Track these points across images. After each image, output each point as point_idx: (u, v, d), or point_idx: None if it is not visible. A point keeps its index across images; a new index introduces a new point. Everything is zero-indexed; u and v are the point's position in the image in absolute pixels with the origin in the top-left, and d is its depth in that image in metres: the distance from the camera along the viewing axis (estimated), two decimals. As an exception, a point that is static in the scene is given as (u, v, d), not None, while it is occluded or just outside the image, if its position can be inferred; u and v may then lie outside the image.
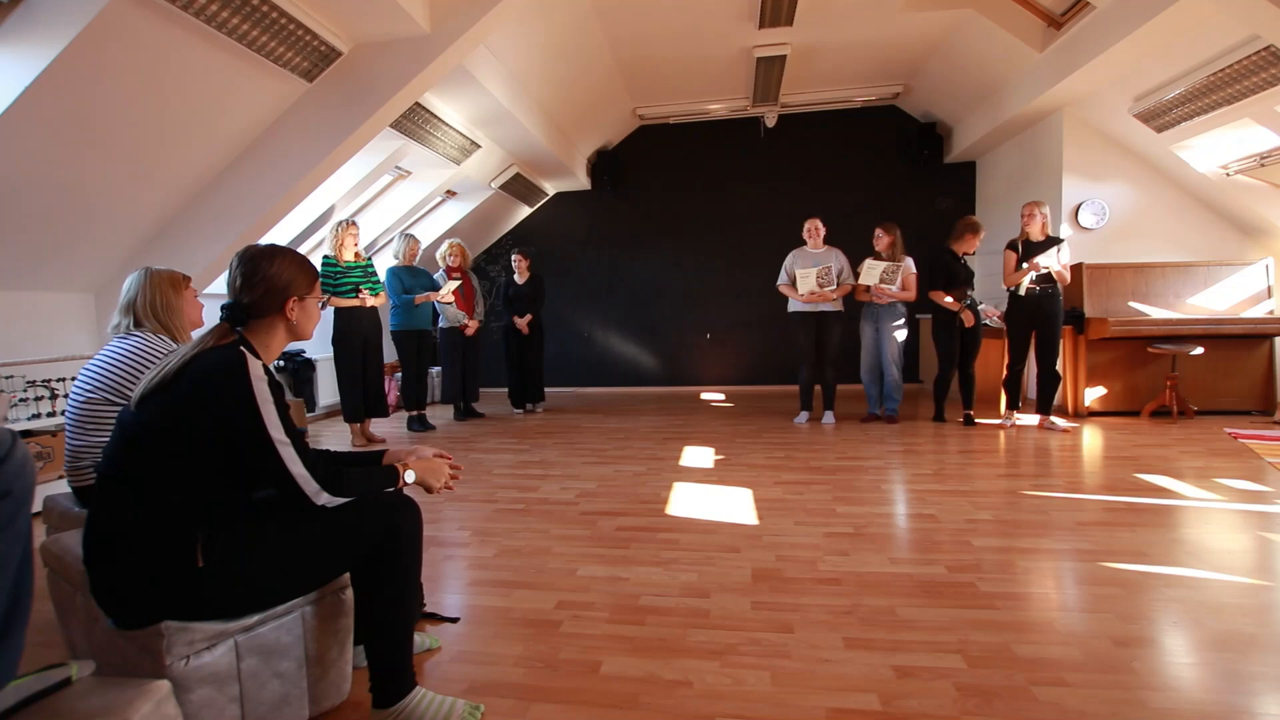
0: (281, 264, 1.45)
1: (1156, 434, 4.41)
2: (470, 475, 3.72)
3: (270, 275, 1.43)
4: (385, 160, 4.94)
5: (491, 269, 7.98)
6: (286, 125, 3.61)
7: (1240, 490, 3.07)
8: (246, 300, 1.42)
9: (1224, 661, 1.64)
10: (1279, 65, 3.54)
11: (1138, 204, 5.47)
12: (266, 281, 1.43)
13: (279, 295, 1.44)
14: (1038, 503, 2.95)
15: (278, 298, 1.44)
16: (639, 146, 7.63)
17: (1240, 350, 5.03)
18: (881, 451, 4.08)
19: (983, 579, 2.12)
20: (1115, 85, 4.74)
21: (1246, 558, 2.30)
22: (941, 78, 6.15)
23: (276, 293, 1.43)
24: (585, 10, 4.84)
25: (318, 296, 1.52)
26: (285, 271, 1.45)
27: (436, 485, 1.62)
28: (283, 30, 3.09)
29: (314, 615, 1.48)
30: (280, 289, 1.44)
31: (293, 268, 1.47)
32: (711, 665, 1.64)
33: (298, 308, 1.46)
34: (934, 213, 6.92)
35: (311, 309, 1.51)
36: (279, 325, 1.46)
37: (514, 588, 2.17)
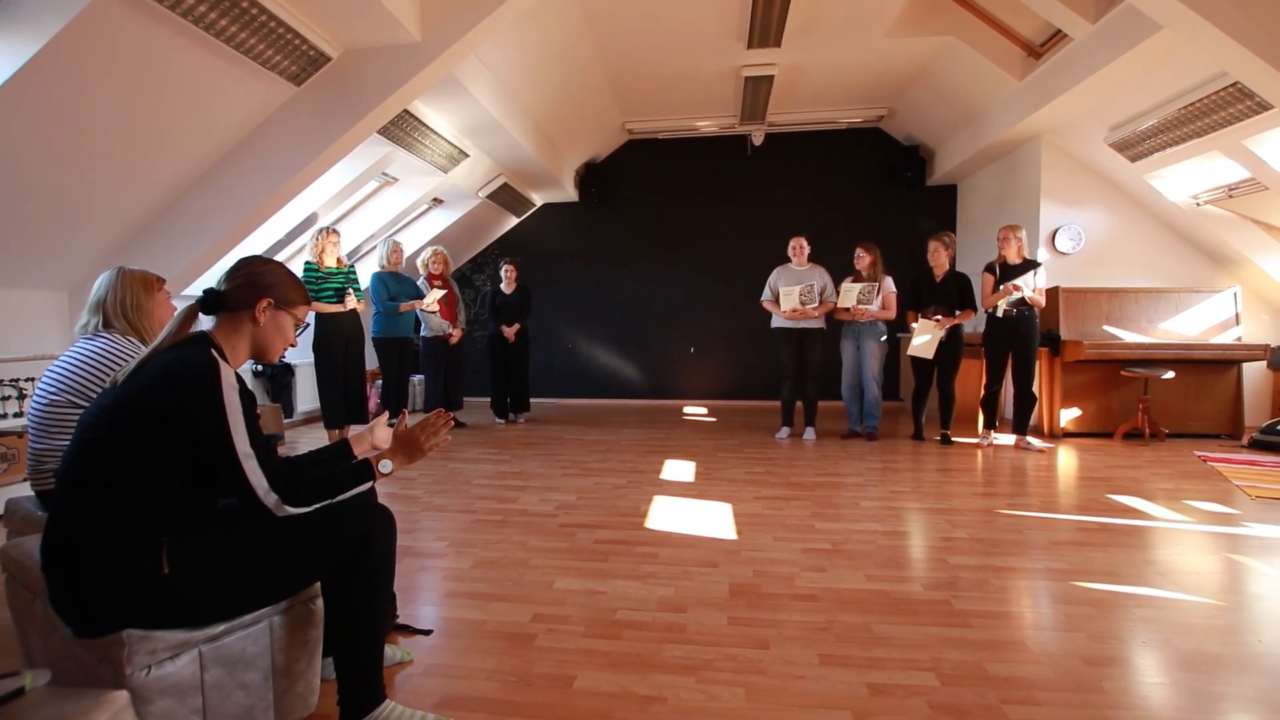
0: (272, 268, 1.44)
1: (1129, 455, 4.49)
2: (449, 485, 3.68)
3: (255, 271, 1.41)
4: (372, 166, 4.92)
5: (477, 278, 7.96)
6: (272, 129, 3.58)
7: (1209, 513, 3.13)
8: (224, 288, 1.40)
9: (1191, 681, 1.66)
10: (1245, 101, 3.66)
11: (1112, 230, 5.61)
12: (249, 275, 1.41)
13: (255, 291, 1.40)
14: (1013, 522, 2.98)
15: (252, 294, 1.40)
16: (627, 160, 7.67)
17: (1209, 375, 5.15)
18: (861, 468, 4.11)
19: (957, 597, 2.14)
20: (1091, 115, 4.87)
21: (1214, 579, 2.34)
22: (925, 102, 6.28)
23: (253, 289, 1.40)
24: (577, 25, 4.88)
25: (297, 318, 1.47)
26: (271, 274, 1.43)
27: (426, 450, 1.56)
28: (271, 33, 3.08)
29: (282, 625, 1.45)
30: (259, 286, 1.41)
31: (279, 274, 1.45)
32: (686, 681, 1.63)
33: (269, 312, 1.42)
34: (917, 234, 7.03)
35: (284, 324, 1.45)
36: (245, 327, 1.41)
37: (489, 600, 2.14)
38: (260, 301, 1.41)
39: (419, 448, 1.55)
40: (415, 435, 1.56)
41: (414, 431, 1.56)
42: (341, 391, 4.65)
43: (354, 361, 4.70)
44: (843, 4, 4.64)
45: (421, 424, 1.58)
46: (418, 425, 1.58)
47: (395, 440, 1.56)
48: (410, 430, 1.57)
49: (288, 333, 1.47)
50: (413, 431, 1.56)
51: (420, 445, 1.55)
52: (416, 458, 1.56)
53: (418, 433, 1.56)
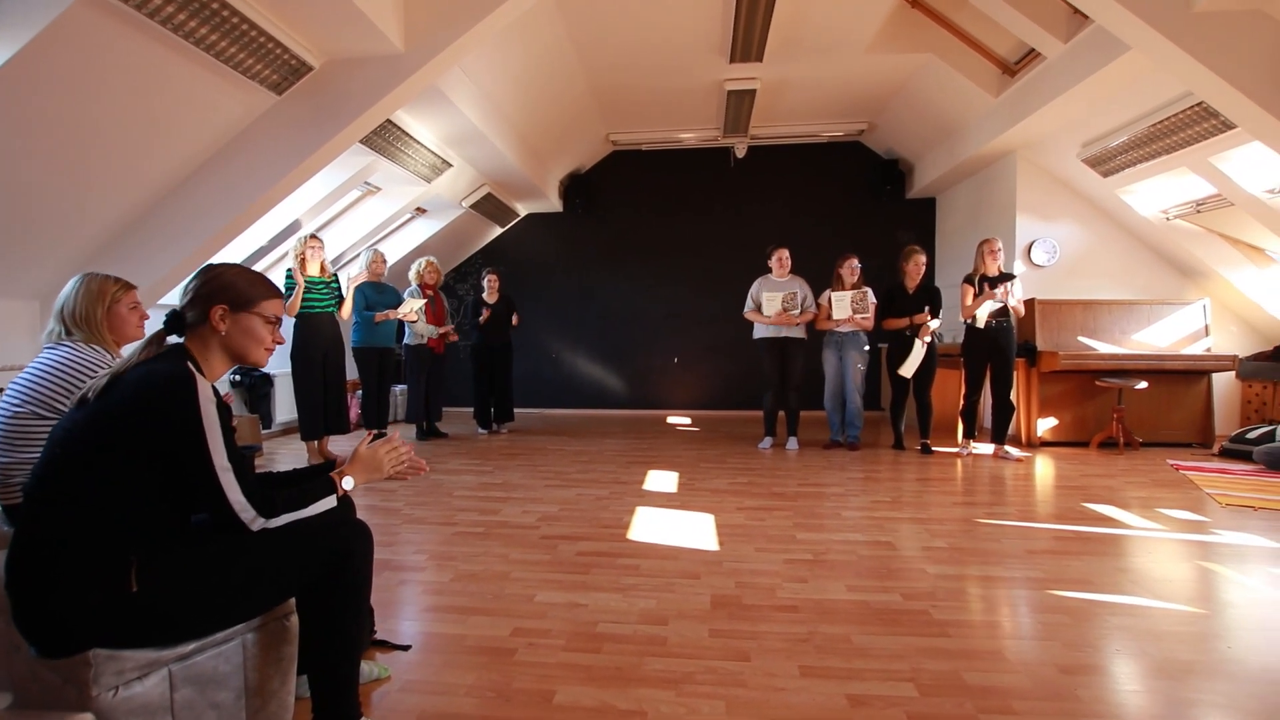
0: (220, 272, 1.39)
1: (1104, 464, 4.57)
2: (430, 497, 3.65)
3: (204, 281, 1.37)
4: (354, 175, 4.90)
5: (460, 287, 7.92)
6: (253, 137, 3.55)
7: (1181, 520, 3.19)
8: (181, 307, 1.37)
9: (1164, 688, 1.69)
10: (1210, 120, 3.77)
11: (1086, 243, 5.73)
12: (198, 286, 1.37)
13: (206, 301, 1.36)
14: (991, 531, 3.02)
15: (204, 304, 1.36)
16: (611, 171, 7.71)
17: (1180, 385, 5.27)
18: (842, 478, 4.14)
19: (936, 606, 2.15)
20: (1064, 131, 4.99)
21: (1186, 586, 2.39)
22: (904, 117, 6.39)
23: (205, 299, 1.36)
24: (560, 37, 4.91)
25: (265, 316, 1.41)
26: (219, 279, 1.38)
27: (388, 470, 1.55)
28: (252, 42, 3.06)
29: (255, 643, 1.42)
30: (209, 295, 1.36)
31: (229, 277, 1.39)
32: (667, 695, 1.62)
33: (229, 319, 1.37)
34: (897, 246, 7.12)
35: (250, 326, 1.39)
36: (211, 340, 1.37)
37: (469, 614, 2.12)
38: (214, 310, 1.36)
39: (379, 468, 1.54)
40: (377, 454, 1.55)
41: (376, 450, 1.55)
42: (320, 402, 4.59)
43: (334, 371, 4.64)
44: (823, 21, 4.73)
45: (386, 445, 1.57)
46: (381, 445, 1.57)
47: (356, 457, 1.54)
48: (373, 449, 1.56)
49: (258, 333, 1.41)
50: (375, 450, 1.55)
51: (380, 465, 1.55)
52: (376, 477, 1.55)
53: (380, 452, 1.55)
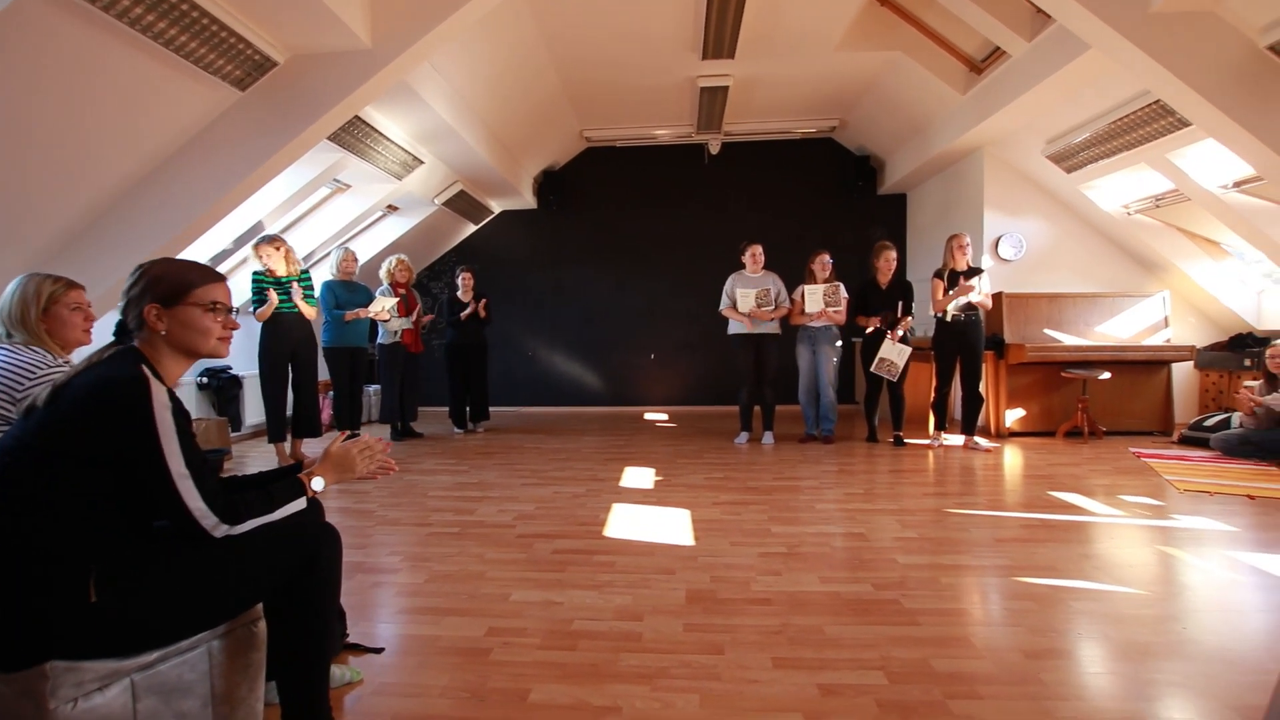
0: (146, 271, 1.34)
1: (1069, 453, 4.69)
2: (405, 498, 3.61)
3: (132, 285, 1.33)
4: (323, 173, 4.81)
5: (434, 285, 7.84)
6: (215, 134, 3.47)
7: (1143, 506, 3.30)
8: (121, 314, 1.34)
9: (1126, 670, 1.74)
10: (1167, 118, 3.88)
11: (1051, 238, 5.86)
12: (127, 291, 1.33)
13: (137, 304, 1.32)
14: (961, 520, 3.08)
15: (136, 307, 1.32)
16: (586, 168, 7.69)
17: (1142, 375, 5.43)
18: (817, 472, 4.19)
19: (907, 595, 2.20)
20: (1029, 128, 5.10)
21: (1147, 571, 2.46)
22: (874, 114, 6.47)
23: (134, 302, 1.32)
24: (531, 33, 4.88)
25: (203, 304, 1.35)
26: (145, 278, 1.33)
27: (361, 470, 1.52)
28: (213, 37, 2.99)
29: (222, 650, 1.39)
30: (137, 297, 1.32)
31: (154, 272, 1.34)
32: (641, 690, 1.63)
33: (165, 317, 1.32)
34: (869, 241, 7.21)
35: (189, 318, 1.34)
36: (156, 341, 1.33)
37: (444, 615, 2.11)
38: (147, 311, 1.32)
39: (351, 468, 1.52)
40: (349, 453, 1.52)
41: (348, 450, 1.53)
42: (285, 403, 4.53)
43: (303, 371, 4.57)
44: (793, 18, 4.76)
45: (359, 444, 1.55)
46: (354, 445, 1.54)
47: (327, 457, 1.52)
48: (345, 448, 1.53)
49: (201, 324, 1.35)
50: (347, 450, 1.53)
51: (353, 465, 1.52)
52: (348, 477, 1.52)
53: (352, 452, 1.53)
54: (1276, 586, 2.29)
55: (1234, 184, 4.35)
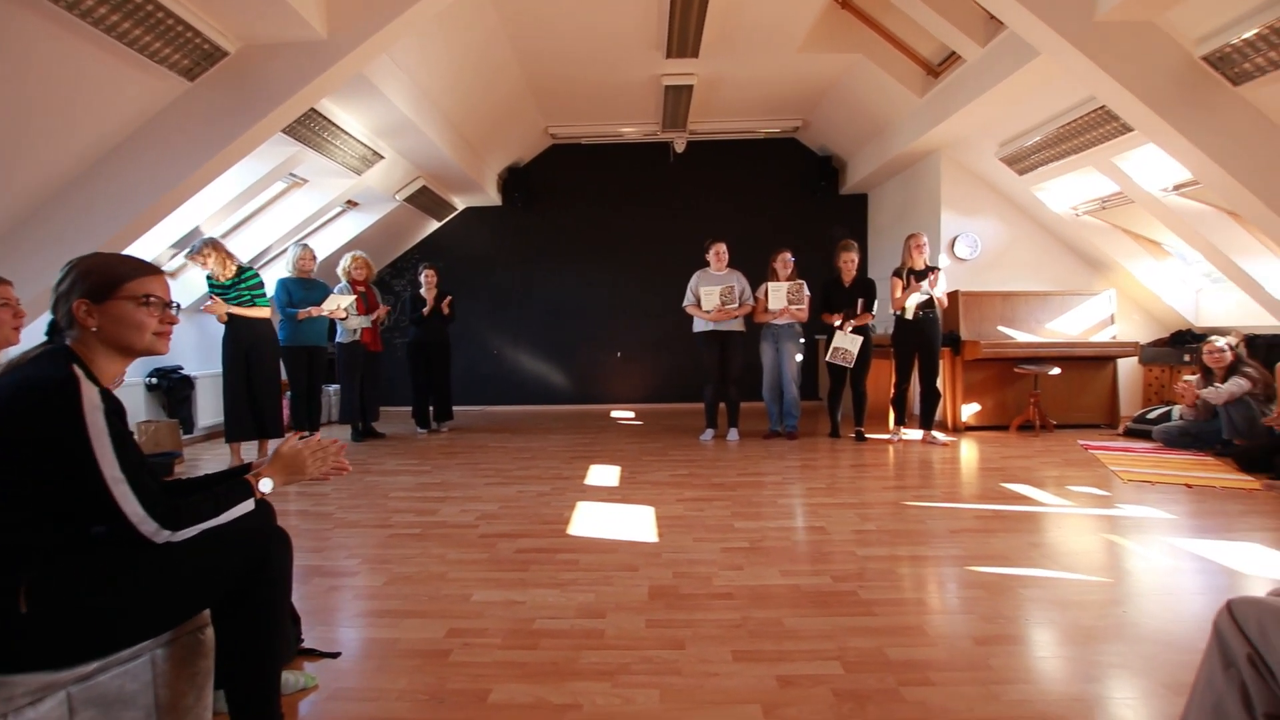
0: (74, 265, 1.29)
1: (1022, 446, 4.85)
2: (365, 500, 3.54)
3: (59, 283, 1.28)
4: (278, 167, 4.69)
5: (397, 283, 7.70)
6: (161, 126, 3.35)
7: (1089, 496, 3.43)
8: (52, 314, 1.28)
9: (1070, 653, 1.81)
10: (1111, 123, 4.04)
11: (1005, 238, 6.05)
12: (56, 288, 1.28)
13: (65, 301, 1.27)
14: (918, 513, 3.16)
15: (64, 304, 1.27)
16: (551, 165, 7.64)
17: (1090, 371, 5.64)
18: (781, 467, 4.24)
19: (864, 587, 2.24)
20: (983, 131, 5.24)
21: (1093, 558, 2.56)
22: (836, 115, 6.57)
23: (63, 298, 1.27)
24: (494, 28, 4.82)
25: (136, 297, 1.30)
26: (72, 274, 1.28)
27: (312, 471, 1.48)
28: (159, 25, 2.88)
29: (166, 658, 1.35)
30: (65, 293, 1.27)
31: (81, 268, 1.29)
32: (602, 686, 1.63)
33: (95, 313, 1.27)
34: (831, 241, 7.33)
35: (122, 312, 1.28)
36: (89, 339, 1.28)
37: (403, 617, 2.08)
38: (76, 307, 1.26)
39: (302, 469, 1.48)
40: (300, 454, 1.48)
41: (299, 450, 1.49)
42: (245, 403, 4.41)
43: (258, 372, 4.45)
44: (756, 19, 4.81)
45: (311, 445, 1.51)
46: (306, 446, 1.50)
47: (277, 458, 1.48)
48: (295, 448, 1.49)
49: (134, 318, 1.29)
50: (298, 450, 1.49)
51: (303, 466, 1.48)
52: (299, 478, 1.48)
53: (304, 453, 1.49)
54: (1211, 570, 2.40)
55: (1173, 187, 4.55)
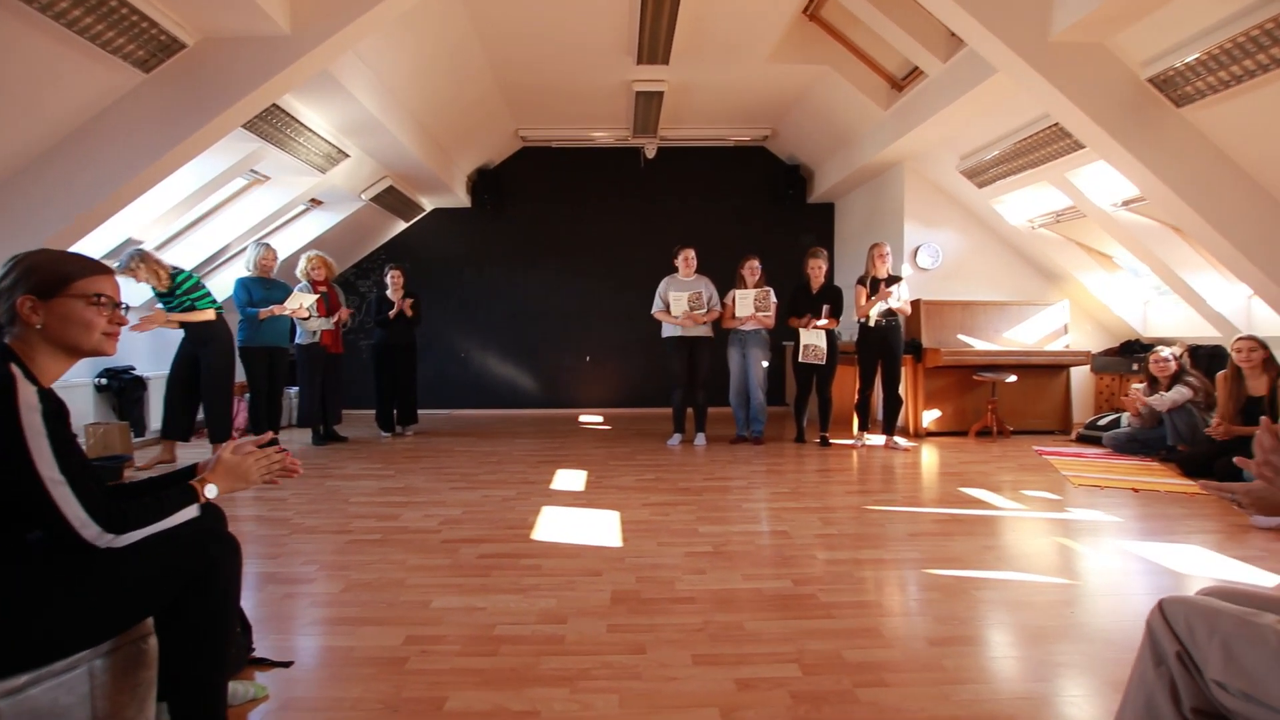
0: (20, 261, 1.25)
1: (980, 452, 4.97)
2: (325, 504, 3.46)
3: (4, 276, 1.23)
4: (238, 163, 4.57)
5: (362, 284, 7.57)
6: (114, 118, 3.24)
7: (1043, 500, 3.53)
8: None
9: (1020, 653, 1.87)
10: (1065, 140, 4.18)
11: (965, 249, 6.22)
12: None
13: (8, 296, 1.23)
14: (879, 517, 3.22)
15: (7, 299, 1.23)
16: (521, 167, 7.60)
17: (1044, 378, 5.82)
18: (746, 472, 4.28)
19: (824, 590, 2.28)
20: (944, 144, 5.39)
21: (1045, 560, 2.64)
22: (804, 125, 6.68)
23: (6, 294, 1.23)
24: (464, 29, 4.79)
25: (87, 297, 1.27)
26: (15, 271, 1.24)
27: (255, 478, 1.45)
28: (112, 14, 2.78)
29: (106, 669, 1.30)
30: (9, 289, 1.23)
31: (26, 264, 1.25)
32: (561, 692, 1.62)
33: (41, 310, 1.23)
34: (799, 248, 7.44)
35: (69, 310, 1.25)
36: (32, 337, 1.24)
37: (360, 625, 2.04)
38: (20, 303, 1.22)
39: (245, 475, 1.45)
40: (244, 461, 1.45)
41: (243, 457, 1.46)
42: (181, 401, 4.48)
43: (208, 372, 4.43)
44: (726, 28, 4.86)
45: (255, 452, 1.48)
46: (250, 455, 1.47)
47: (219, 463, 1.44)
48: (239, 455, 1.46)
49: (83, 317, 1.26)
50: (243, 457, 1.45)
51: (247, 473, 1.45)
52: (241, 486, 1.45)
53: (248, 459, 1.46)
54: (1155, 572, 2.50)
55: (1122, 203, 4.74)
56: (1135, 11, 2.94)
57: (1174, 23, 2.94)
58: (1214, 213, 3.35)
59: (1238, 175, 3.34)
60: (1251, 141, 3.21)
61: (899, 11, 4.25)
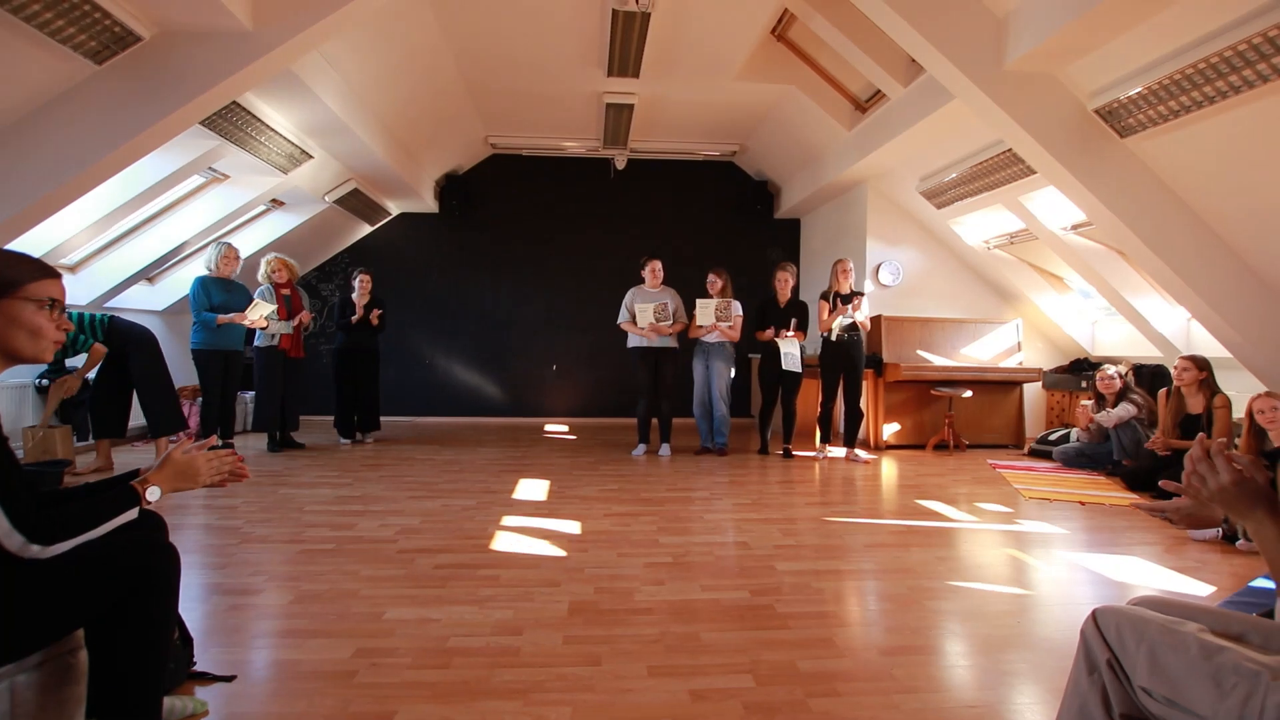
0: None
1: (936, 465, 5.09)
2: (277, 513, 3.36)
3: None
4: (195, 160, 4.44)
5: (324, 287, 7.42)
6: (62, 110, 3.12)
7: (995, 513, 3.63)
8: None
9: (972, 662, 1.91)
10: (1018, 164, 4.35)
11: (924, 267, 6.39)
12: None
13: None
14: (837, 528, 3.26)
15: None
16: (491, 174, 7.57)
17: (999, 394, 6.00)
18: (709, 483, 4.30)
19: (780, 601, 2.29)
20: (905, 165, 5.55)
21: (996, 570, 2.71)
22: (771, 142, 6.81)
23: None
24: (434, 34, 4.76)
25: (38, 300, 1.23)
26: None
27: (206, 478, 1.40)
28: (62, 2, 2.69)
29: (32, 684, 1.24)
30: None
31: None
32: (513, 705, 1.60)
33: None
34: (766, 262, 7.55)
35: (20, 315, 1.21)
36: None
37: (308, 637, 1.98)
38: None
39: (194, 476, 1.39)
40: (193, 460, 1.40)
41: (193, 456, 1.40)
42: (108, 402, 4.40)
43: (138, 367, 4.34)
44: (696, 45, 4.94)
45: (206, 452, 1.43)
46: (200, 453, 1.42)
47: (167, 463, 1.38)
48: (190, 454, 1.40)
49: (31, 322, 1.22)
50: (192, 456, 1.40)
51: (196, 473, 1.40)
52: (188, 486, 1.40)
53: (198, 459, 1.41)
54: (1099, 582, 2.59)
55: (1071, 226, 4.93)
56: (1084, 45, 3.08)
57: (1120, 57, 3.09)
58: (1154, 238, 3.51)
59: (1177, 204, 3.51)
60: (1190, 172, 3.38)
61: (862, 36, 4.37)
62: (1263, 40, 2.51)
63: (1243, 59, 2.62)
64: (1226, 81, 2.74)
